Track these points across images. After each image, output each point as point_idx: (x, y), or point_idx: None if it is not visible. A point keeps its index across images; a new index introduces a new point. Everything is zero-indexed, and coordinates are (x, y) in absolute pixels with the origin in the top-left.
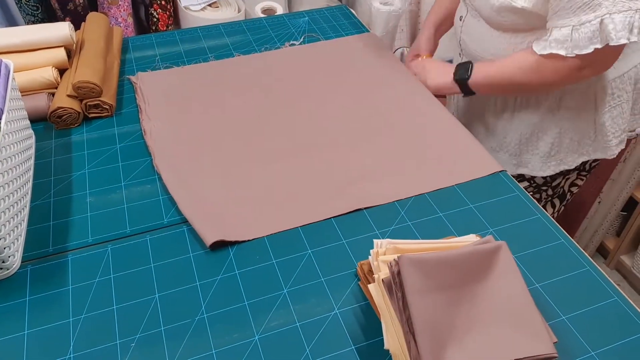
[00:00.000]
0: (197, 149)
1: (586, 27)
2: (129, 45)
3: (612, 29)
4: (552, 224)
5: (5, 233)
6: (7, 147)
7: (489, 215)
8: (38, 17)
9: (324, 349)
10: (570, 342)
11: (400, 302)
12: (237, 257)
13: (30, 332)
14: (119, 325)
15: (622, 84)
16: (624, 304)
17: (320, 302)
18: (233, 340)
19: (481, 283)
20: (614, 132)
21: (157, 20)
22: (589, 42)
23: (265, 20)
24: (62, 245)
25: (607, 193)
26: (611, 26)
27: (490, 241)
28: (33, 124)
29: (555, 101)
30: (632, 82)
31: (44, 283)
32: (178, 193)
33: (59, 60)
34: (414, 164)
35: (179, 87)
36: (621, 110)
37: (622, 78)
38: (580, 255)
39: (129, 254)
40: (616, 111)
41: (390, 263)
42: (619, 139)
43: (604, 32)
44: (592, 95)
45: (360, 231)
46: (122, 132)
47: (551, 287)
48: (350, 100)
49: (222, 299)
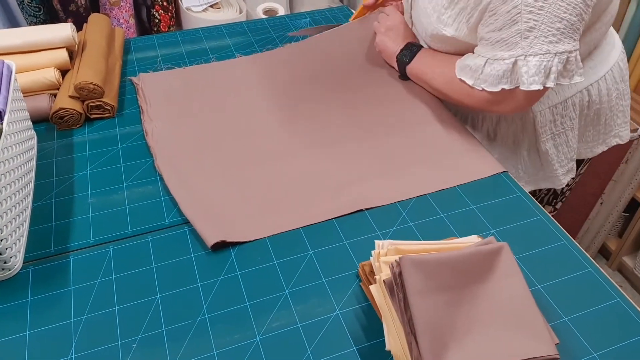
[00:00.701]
0: (199, 149)
1: (499, 64)
2: (131, 46)
3: (524, 72)
4: (554, 225)
5: (7, 234)
6: (9, 148)
7: (490, 216)
8: (40, 19)
9: (326, 349)
10: (572, 343)
11: (402, 303)
12: (239, 258)
13: (32, 332)
14: (120, 326)
15: (566, 109)
16: (626, 305)
17: (322, 303)
18: (234, 341)
19: (483, 284)
20: (559, 161)
21: (159, 21)
22: (497, 81)
23: (266, 21)
24: (64, 246)
25: (609, 194)
26: (524, 69)
27: (491, 242)
28: (35, 125)
29: (491, 126)
30: (577, 108)
31: (46, 284)
32: (179, 193)
33: (61, 61)
34: (416, 165)
35: (180, 88)
36: (566, 138)
37: (566, 104)
38: (582, 256)
39: (131, 255)
40: (560, 139)
41: (392, 264)
42: (565, 168)
43: (516, 73)
44: (531, 122)
45: (361, 232)
46: (124, 133)
47: (553, 288)
48: (352, 99)
49: (223, 300)
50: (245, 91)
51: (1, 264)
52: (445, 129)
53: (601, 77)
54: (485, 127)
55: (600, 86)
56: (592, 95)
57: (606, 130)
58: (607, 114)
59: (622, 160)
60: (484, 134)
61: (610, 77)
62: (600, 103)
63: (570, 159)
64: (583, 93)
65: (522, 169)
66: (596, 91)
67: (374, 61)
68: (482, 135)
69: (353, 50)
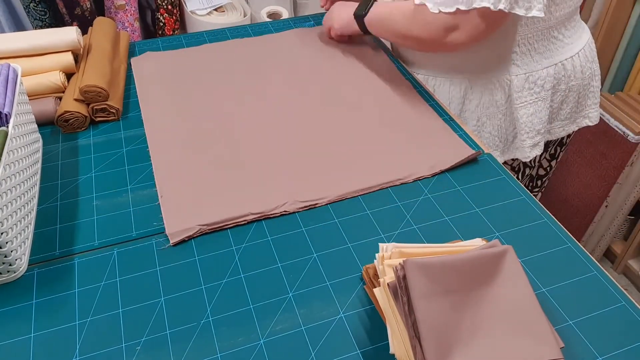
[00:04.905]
0: (187, 135)
1: None
2: (136, 49)
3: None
4: (559, 228)
5: (12, 236)
6: (15, 151)
7: (495, 219)
8: (46, 22)
9: (329, 353)
10: (577, 347)
11: (406, 306)
12: (243, 261)
13: (36, 335)
14: (124, 328)
15: (540, 80)
16: (632, 309)
17: (326, 306)
18: (238, 344)
19: (487, 287)
20: (528, 131)
21: (164, 24)
22: (453, 2)
23: (270, 25)
24: (69, 249)
25: (614, 197)
26: None
27: (496, 245)
28: (40, 127)
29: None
30: (551, 79)
31: (50, 286)
32: (160, 174)
33: (67, 65)
34: (394, 150)
35: (171, 69)
36: (537, 108)
37: (541, 73)
38: (587, 259)
39: (135, 258)
40: (532, 108)
41: (396, 267)
42: (533, 140)
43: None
44: (507, 84)
45: (365, 235)
46: (129, 136)
47: (558, 292)
48: (334, 89)
49: (227, 303)
50: (232, 74)
51: (6, 266)
52: (418, 116)
53: (575, 54)
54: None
55: (574, 62)
56: (567, 70)
57: (578, 109)
58: (580, 92)
59: (627, 163)
60: (460, 101)
61: (583, 55)
62: (575, 79)
63: (538, 132)
64: (558, 66)
65: (497, 136)
66: (571, 66)
67: (375, 57)
68: (458, 101)
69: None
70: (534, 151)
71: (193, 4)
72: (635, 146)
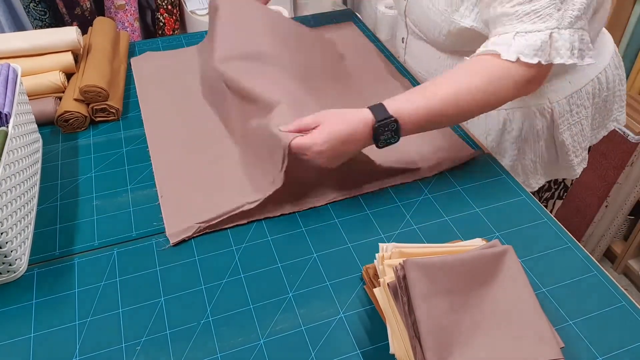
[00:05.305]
0: (187, 135)
1: (533, 36)
2: (136, 49)
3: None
4: (559, 228)
5: (12, 236)
6: (15, 151)
7: (495, 219)
8: (46, 22)
9: (329, 353)
10: (577, 347)
11: (406, 306)
12: (243, 261)
13: (36, 335)
14: (124, 328)
15: (580, 99)
16: (632, 309)
17: (326, 306)
18: (238, 344)
19: (487, 287)
20: (574, 150)
21: (164, 24)
22: (533, 53)
23: None
24: (69, 249)
25: (614, 197)
26: (560, 42)
27: (496, 245)
28: (40, 127)
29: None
30: (590, 97)
31: (51, 286)
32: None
33: (66, 65)
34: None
35: (171, 69)
36: (581, 128)
37: (580, 93)
38: (587, 259)
39: (135, 258)
40: (576, 129)
41: (396, 267)
42: (580, 157)
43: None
44: (549, 113)
45: (365, 235)
46: (129, 136)
47: (558, 292)
48: (336, 89)
49: (227, 303)
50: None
51: (6, 266)
52: None
53: (607, 65)
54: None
55: (607, 73)
56: (602, 83)
57: (607, 115)
58: (610, 100)
59: (627, 163)
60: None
61: (612, 64)
62: (607, 90)
63: (584, 148)
64: (594, 81)
65: (538, 162)
66: (604, 79)
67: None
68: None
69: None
70: (581, 167)
71: (193, 4)
72: (635, 146)
